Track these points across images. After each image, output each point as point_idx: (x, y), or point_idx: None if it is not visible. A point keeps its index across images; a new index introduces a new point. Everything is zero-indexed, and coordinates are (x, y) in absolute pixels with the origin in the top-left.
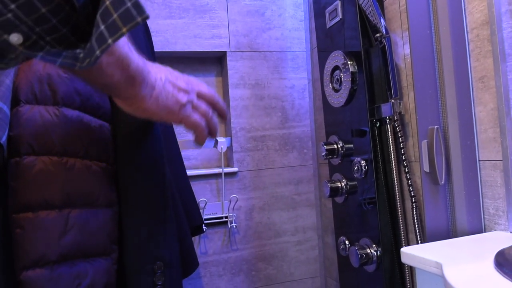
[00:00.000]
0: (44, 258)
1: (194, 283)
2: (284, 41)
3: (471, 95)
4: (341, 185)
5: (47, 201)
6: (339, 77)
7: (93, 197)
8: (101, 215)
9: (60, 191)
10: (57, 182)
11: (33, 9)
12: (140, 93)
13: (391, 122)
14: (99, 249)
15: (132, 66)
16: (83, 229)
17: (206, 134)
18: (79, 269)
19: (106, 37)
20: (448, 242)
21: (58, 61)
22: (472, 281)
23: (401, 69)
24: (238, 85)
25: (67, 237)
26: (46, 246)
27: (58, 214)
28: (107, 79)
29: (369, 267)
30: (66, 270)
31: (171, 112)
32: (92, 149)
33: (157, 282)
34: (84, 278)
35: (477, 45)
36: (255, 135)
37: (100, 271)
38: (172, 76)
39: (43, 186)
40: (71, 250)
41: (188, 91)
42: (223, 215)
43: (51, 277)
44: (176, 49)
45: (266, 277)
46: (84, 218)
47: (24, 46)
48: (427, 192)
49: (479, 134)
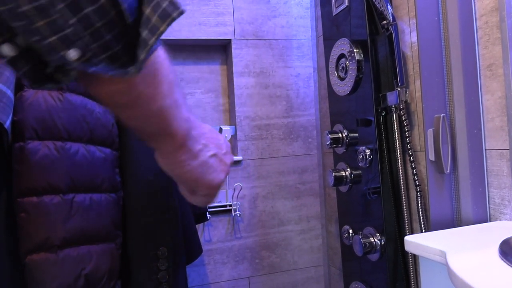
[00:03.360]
0: (48, 242)
1: (198, 270)
2: (290, 29)
3: (479, 83)
4: (345, 174)
5: (51, 186)
6: (345, 65)
7: (97, 182)
8: (105, 200)
9: (64, 176)
10: (62, 167)
11: (89, 23)
12: (177, 157)
13: (397, 111)
14: (103, 234)
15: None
16: (87, 214)
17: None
18: (83, 254)
19: (146, 40)
20: (452, 231)
21: (109, 73)
22: (476, 269)
23: (408, 57)
24: (243, 73)
25: (71, 221)
26: (50, 230)
27: (62, 198)
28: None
29: (372, 256)
30: (70, 254)
31: (209, 187)
32: (96, 134)
33: (161, 268)
34: (88, 263)
35: (485, 32)
36: (259, 124)
37: (103, 256)
38: (218, 147)
39: (47, 170)
40: (75, 235)
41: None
42: (227, 204)
43: (55, 261)
44: (180, 36)
45: (270, 265)
46: (88, 203)
47: (79, 61)
48: (432, 181)
49: (486, 123)
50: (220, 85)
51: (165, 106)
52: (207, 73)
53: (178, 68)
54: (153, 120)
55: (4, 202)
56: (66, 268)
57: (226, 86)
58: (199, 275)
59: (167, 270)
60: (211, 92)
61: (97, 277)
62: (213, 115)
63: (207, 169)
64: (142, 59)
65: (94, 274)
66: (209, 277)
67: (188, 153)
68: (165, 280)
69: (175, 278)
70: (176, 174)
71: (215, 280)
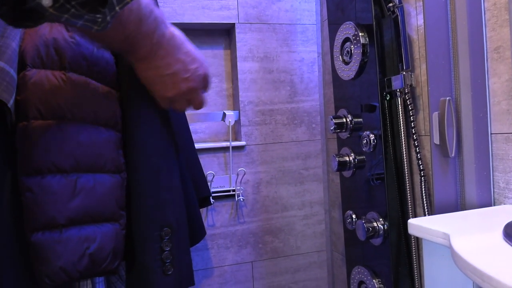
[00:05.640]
0: (53, 221)
1: (201, 255)
2: (294, 13)
3: (486, 66)
4: (349, 159)
5: (55, 166)
6: (350, 49)
7: (101, 162)
8: (109, 181)
9: (68, 156)
10: (65, 147)
11: None
12: (139, 66)
13: (402, 95)
14: (107, 214)
15: (150, 19)
16: (91, 193)
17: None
18: (88, 233)
19: (114, 5)
20: (456, 214)
21: (79, 23)
22: (480, 251)
23: (414, 40)
24: (246, 57)
25: (75, 201)
26: (55, 209)
27: (67, 178)
28: (126, 32)
29: (375, 241)
30: (75, 233)
31: (161, 97)
32: (100, 115)
33: (165, 248)
34: (93, 242)
35: (493, 14)
36: (263, 109)
37: (108, 236)
38: (185, 70)
39: (51, 150)
40: (79, 214)
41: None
42: (230, 189)
43: (60, 240)
44: (183, 20)
45: (273, 250)
46: (92, 183)
47: (53, 8)
48: (436, 165)
49: (492, 106)
50: (223, 69)
51: (141, 33)
52: (211, 58)
53: None
54: (127, 42)
55: (9, 182)
56: (71, 247)
57: (229, 70)
58: (202, 259)
59: (170, 251)
60: (215, 77)
61: (102, 257)
62: (216, 100)
63: (160, 83)
64: (108, 20)
65: (98, 254)
66: (213, 261)
67: (147, 65)
68: (169, 261)
69: (179, 259)
70: (141, 79)
71: (219, 264)
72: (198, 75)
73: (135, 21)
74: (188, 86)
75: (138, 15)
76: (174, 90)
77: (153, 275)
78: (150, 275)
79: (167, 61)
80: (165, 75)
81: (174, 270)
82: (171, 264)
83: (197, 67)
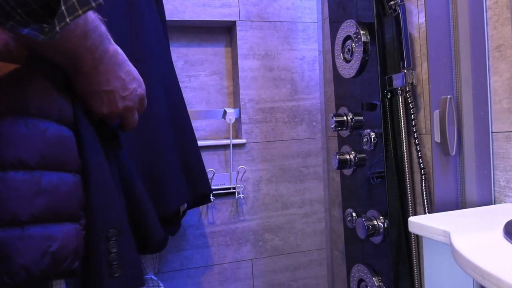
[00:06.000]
0: (15, 218)
1: (201, 252)
2: (295, 11)
3: (487, 64)
4: (349, 158)
5: (19, 161)
6: (351, 47)
7: (66, 161)
8: (72, 180)
9: (33, 152)
10: (31, 142)
11: None
12: (78, 80)
13: (403, 93)
14: (69, 213)
15: (94, 39)
16: (55, 192)
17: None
18: (50, 232)
19: (65, 17)
20: (456, 212)
21: (25, 30)
22: (480, 248)
23: (415, 38)
24: (247, 55)
25: (39, 199)
26: (17, 206)
27: (31, 175)
28: (69, 46)
29: (375, 239)
30: (37, 231)
31: (97, 112)
32: (64, 113)
33: (112, 250)
34: (55, 241)
35: (495, 12)
36: (263, 107)
37: (69, 235)
38: (123, 88)
39: (15, 145)
40: (42, 212)
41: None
42: (230, 186)
43: (22, 237)
44: (184, 17)
45: (273, 248)
46: (56, 182)
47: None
48: (437, 163)
49: (493, 105)
50: (224, 67)
51: (83, 48)
52: (212, 55)
53: (183, 50)
54: (69, 57)
55: None
56: (33, 245)
57: (230, 68)
58: (202, 257)
59: (117, 252)
60: (216, 75)
61: (63, 256)
62: (217, 98)
63: (97, 98)
64: (57, 31)
65: (60, 253)
66: (213, 258)
67: (86, 79)
68: (116, 263)
69: (127, 260)
70: (77, 92)
71: (219, 261)
72: (136, 95)
73: (80, 34)
74: (125, 105)
75: (84, 29)
76: (110, 107)
77: (99, 278)
78: (96, 278)
79: (107, 77)
80: (103, 91)
81: (122, 272)
82: (118, 266)
83: (136, 87)
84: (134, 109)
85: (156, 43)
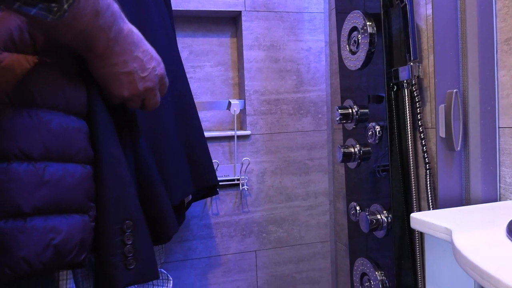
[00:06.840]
0: (17, 210)
1: (205, 243)
2: (301, 1)
3: (495, 58)
4: (354, 151)
5: (23, 153)
6: (357, 38)
7: (72, 152)
8: (79, 172)
9: (37, 143)
10: (35, 133)
11: None
12: (94, 63)
13: (409, 86)
14: (75, 205)
15: (107, 15)
16: (60, 183)
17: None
18: (54, 224)
19: None
20: (459, 209)
21: (33, 11)
22: (481, 247)
23: (422, 30)
24: (252, 46)
25: (42, 190)
26: (20, 197)
27: (34, 166)
28: (81, 26)
29: (378, 233)
30: (40, 223)
31: (114, 95)
32: (72, 103)
33: (127, 242)
34: (59, 233)
35: (504, 3)
36: (269, 98)
37: (75, 227)
38: (142, 69)
39: (19, 136)
40: (46, 204)
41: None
42: (235, 178)
43: (24, 229)
44: (189, 7)
45: (276, 240)
46: (62, 173)
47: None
48: (441, 158)
49: (500, 100)
50: (229, 58)
51: (96, 28)
52: (217, 46)
53: (188, 40)
54: (82, 37)
55: None
56: (35, 237)
57: (235, 59)
58: (206, 248)
59: (133, 244)
60: (221, 66)
61: (67, 249)
62: (222, 89)
63: (116, 81)
64: (65, 9)
65: (64, 245)
66: (217, 249)
67: (103, 62)
68: (131, 255)
69: (142, 252)
70: (95, 77)
71: (222, 252)
72: (155, 74)
73: (91, 13)
74: (145, 86)
75: (95, 7)
76: (131, 89)
77: (114, 270)
78: (111, 269)
79: (124, 58)
80: (121, 73)
81: (137, 264)
82: (133, 258)
83: (155, 66)
84: (155, 89)
85: (163, 33)
